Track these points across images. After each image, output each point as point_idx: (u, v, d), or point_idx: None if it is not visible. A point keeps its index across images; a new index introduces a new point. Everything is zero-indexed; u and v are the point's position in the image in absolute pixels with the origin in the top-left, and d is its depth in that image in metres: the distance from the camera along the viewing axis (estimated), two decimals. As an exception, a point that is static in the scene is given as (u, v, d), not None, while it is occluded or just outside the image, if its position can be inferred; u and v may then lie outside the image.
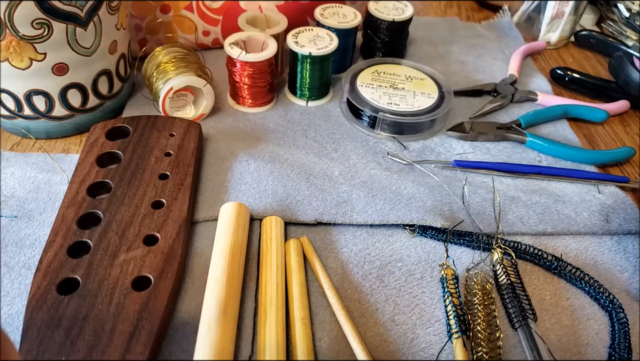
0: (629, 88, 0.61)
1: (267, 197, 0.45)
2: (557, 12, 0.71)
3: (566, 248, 0.43)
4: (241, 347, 0.34)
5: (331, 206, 0.44)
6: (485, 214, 0.45)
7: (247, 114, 0.56)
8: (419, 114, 0.53)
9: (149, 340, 0.32)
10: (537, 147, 0.53)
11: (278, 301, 0.35)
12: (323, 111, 0.57)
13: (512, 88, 0.61)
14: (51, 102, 0.47)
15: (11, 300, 0.36)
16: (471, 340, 0.36)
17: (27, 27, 0.42)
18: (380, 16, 0.60)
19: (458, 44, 0.71)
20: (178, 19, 0.60)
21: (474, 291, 0.39)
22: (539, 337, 0.35)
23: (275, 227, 0.41)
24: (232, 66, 0.53)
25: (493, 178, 0.49)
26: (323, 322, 0.36)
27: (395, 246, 0.42)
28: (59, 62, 0.45)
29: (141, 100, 0.56)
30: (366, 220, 0.43)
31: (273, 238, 0.40)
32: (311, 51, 0.52)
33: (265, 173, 0.47)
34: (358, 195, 0.46)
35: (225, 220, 0.40)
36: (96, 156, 0.44)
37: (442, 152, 0.53)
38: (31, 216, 0.42)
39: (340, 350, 0.35)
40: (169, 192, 0.42)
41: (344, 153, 0.51)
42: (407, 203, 0.45)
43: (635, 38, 0.72)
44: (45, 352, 0.31)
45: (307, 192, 0.46)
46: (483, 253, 0.42)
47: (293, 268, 0.38)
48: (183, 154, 0.45)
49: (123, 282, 0.35)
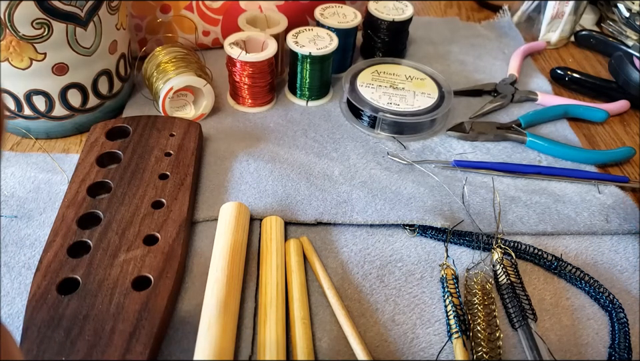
0: (629, 88, 0.61)
1: (267, 197, 0.45)
2: (557, 12, 0.71)
3: (566, 248, 0.43)
4: (241, 347, 0.34)
5: (330, 206, 0.44)
6: (485, 214, 0.45)
7: (247, 114, 0.56)
8: (418, 114, 0.53)
9: (148, 340, 0.32)
10: (537, 147, 0.53)
11: (278, 301, 0.35)
12: (322, 111, 0.57)
13: (512, 88, 0.61)
14: (51, 102, 0.47)
15: (10, 300, 0.36)
16: (471, 340, 0.36)
17: (27, 27, 0.42)
18: (380, 16, 0.60)
19: (458, 44, 0.71)
20: (178, 19, 0.60)
21: (474, 291, 0.39)
22: (538, 337, 0.35)
23: (275, 227, 0.41)
24: (232, 66, 0.53)
25: (492, 178, 0.49)
26: (323, 321, 0.36)
27: (395, 246, 0.42)
28: (59, 62, 0.45)
29: (140, 100, 0.56)
30: (366, 220, 0.43)
31: (273, 238, 0.40)
32: (311, 51, 0.52)
33: (265, 173, 0.47)
34: (358, 195, 0.46)
35: (225, 220, 0.40)
36: (96, 156, 0.44)
37: (442, 152, 0.53)
38: (31, 216, 0.42)
39: (340, 350, 0.35)
40: (168, 192, 0.42)
41: (344, 153, 0.51)
42: (406, 203, 0.45)
43: (634, 38, 0.72)
44: (45, 352, 0.31)
45: (307, 192, 0.46)
46: (483, 253, 0.42)
47: (293, 267, 0.38)
48: (183, 154, 0.45)
49: (122, 282, 0.35)
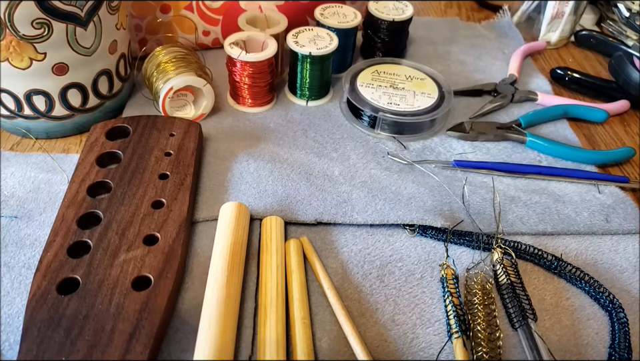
0: (629, 88, 0.61)
1: (267, 197, 0.45)
2: (557, 12, 0.71)
3: (566, 248, 0.43)
4: (241, 347, 0.34)
5: (330, 206, 0.44)
6: (485, 214, 0.45)
7: (247, 114, 0.56)
8: (419, 114, 0.53)
9: (149, 340, 0.32)
10: (537, 147, 0.53)
11: (278, 301, 0.35)
12: (322, 111, 0.57)
13: (512, 88, 0.61)
14: (51, 102, 0.47)
15: (10, 300, 0.36)
16: (471, 340, 0.36)
17: (27, 27, 0.42)
18: (380, 16, 0.60)
19: (458, 44, 0.71)
20: (178, 19, 0.60)
21: (474, 291, 0.39)
22: (539, 337, 0.35)
23: (275, 227, 0.41)
24: (232, 66, 0.53)
25: (492, 178, 0.49)
26: (323, 321, 0.36)
27: (395, 246, 0.42)
28: (59, 62, 0.45)
29: (140, 100, 0.56)
30: (366, 219, 0.43)
31: (273, 238, 0.40)
32: (311, 51, 0.52)
33: (265, 173, 0.47)
34: (358, 195, 0.46)
35: (225, 220, 0.40)
36: (96, 156, 0.44)
37: (442, 152, 0.53)
38: (31, 216, 0.42)
39: (340, 350, 0.35)
40: (168, 192, 0.42)
41: (344, 153, 0.51)
42: (407, 203, 0.45)
43: (634, 38, 0.72)
44: (45, 352, 0.31)
45: (307, 192, 0.46)
46: (483, 253, 0.42)
47: (293, 267, 0.38)
48: (183, 154, 0.45)
49: (123, 281, 0.35)
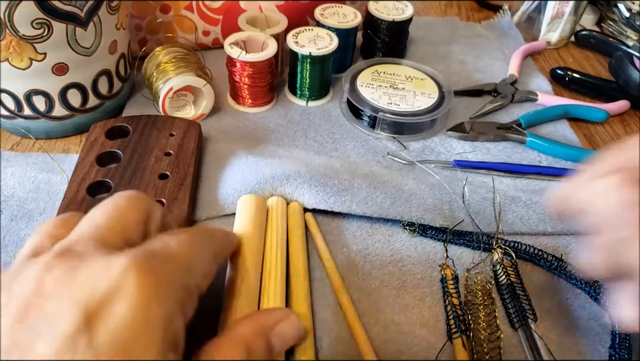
0: (629, 88, 0.61)
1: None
2: (557, 12, 0.71)
3: (566, 248, 0.43)
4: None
5: (330, 194, 0.44)
6: (484, 213, 0.45)
7: (247, 114, 0.56)
8: (419, 114, 0.53)
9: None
10: (537, 147, 0.53)
11: (278, 269, 0.36)
12: (323, 111, 0.57)
13: (512, 88, 0.61)
14: (51, 102, 0.47)
15: (10, 300, 0.36)
16: (471, 340, 0.36)
17: (27, 27, 0.42)
18: (380, 16, 0.60)
19: (458, 44, 0.71)
20: (178, 19, 0.60)
21: (474, 291, 0.39)
22: (539, 337, 0.35)
23: (277, 206, 0.41)
24: (232, 66, 0.53)
25: (493, 178, 0.49)
26: (324, 321, 0.36)
27: (395, 246, 0.42)
28: (59, 62, 0.45)
29: (140, 100, 0.56)
30: (365, 211, 0.43)
31: (278, 216, 0.40)
32: (311, 51, 0.52)
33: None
34: (359, 184, 0.45)
35: (245, 213, 0.39)
36: (96, 155, 0.44)
37: (442, 152, 0.52)
38: (31, 216, 0.42)
39: (340, 350, 0.34)
40: (168, 192, 0.42)
41: (344, 153, 0.51)
42: (407, 199, 0.44)
43: (635, 38, 0.72)
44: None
45: (308, 175, 0.45)
46: (483, 253, 0.42)
47: (292, 229, 0.40)
48: (183, 154, 0.45)
49: (122, 281, 0.35)
